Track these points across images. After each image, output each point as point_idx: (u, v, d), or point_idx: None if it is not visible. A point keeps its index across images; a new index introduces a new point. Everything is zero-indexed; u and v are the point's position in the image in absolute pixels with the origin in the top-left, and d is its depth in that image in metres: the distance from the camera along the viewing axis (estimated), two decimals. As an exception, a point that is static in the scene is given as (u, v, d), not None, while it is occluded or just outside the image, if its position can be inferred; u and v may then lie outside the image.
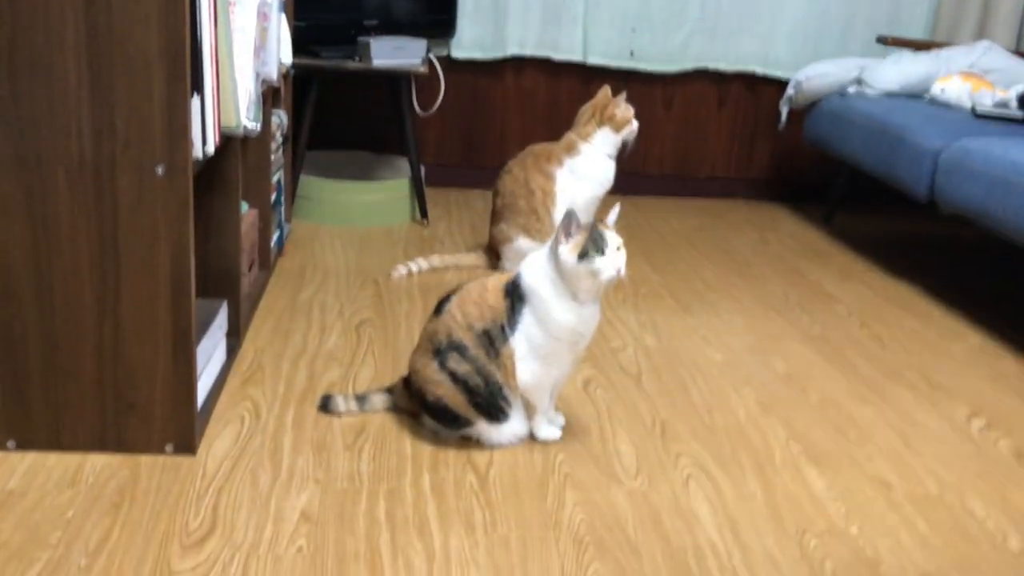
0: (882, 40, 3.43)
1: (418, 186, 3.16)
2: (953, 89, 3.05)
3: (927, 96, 3.18)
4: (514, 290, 1.71)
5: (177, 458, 1.66)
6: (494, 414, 1.73)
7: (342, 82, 3.49)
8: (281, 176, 2.72)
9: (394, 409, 1.88)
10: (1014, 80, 3.15)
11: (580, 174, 2.64)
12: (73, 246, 1.53)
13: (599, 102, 2.66)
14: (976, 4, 3.57)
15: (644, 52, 3.57)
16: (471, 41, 3.48)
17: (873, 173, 2.98)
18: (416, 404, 1.80)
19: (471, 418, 1.73)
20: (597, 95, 2.69)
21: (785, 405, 2.05)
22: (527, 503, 1.61)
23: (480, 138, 3.64)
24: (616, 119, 2.64)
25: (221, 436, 1.74)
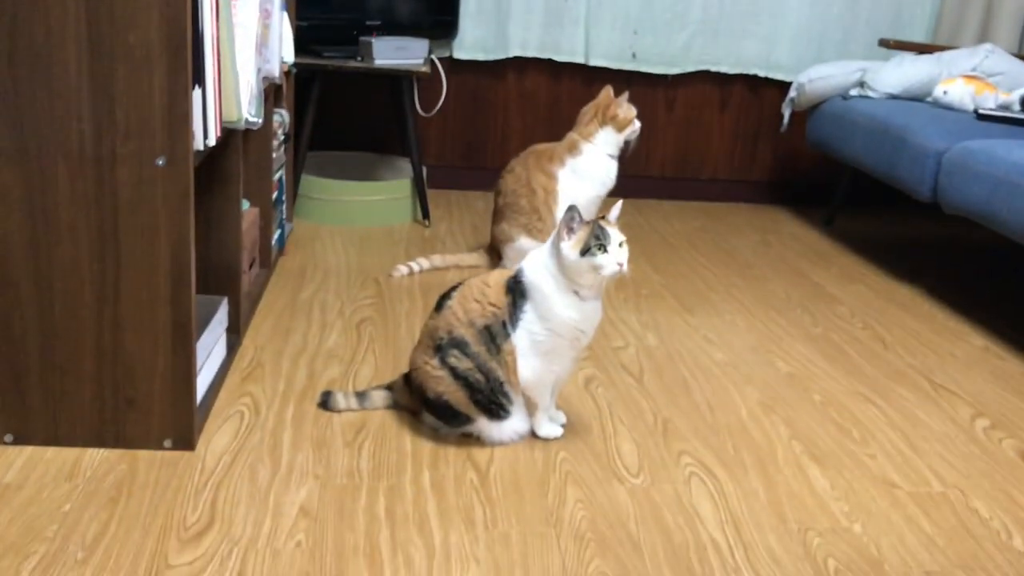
0: (884, 43, 3.43)
1: (419, 186, 3.15)
2: (956, 91, 3.05)
3: (929, 99, 3.17)
4: (516, 286, 1.70)
5: (175, 453, 1.64)
6: (495, 411, 1.72)
7: (344, 82, 3.49)
8: (283, 174, 2.72)
9: (394, 406, 1.86)
10: (1017, 83, 3.15)
11: (582, 174, 2.63)
12: (73, 238, 1.52)
13: (601, 102, 2.66)
14: (978, 7, 3.57)
15: (646, 54, 3.57)
16: (473, 42, 3.47)
17: (876, 175, 2.97)
18: (417, 401, 1.78)
19: (472, 415, 1.72)
20: (599, 95, 2.68)
21: (787, 404, 2.04)
22: (528, 500, 1.60)
23: (482, 139, 3.64)
24: (618, 119, 2.63)
25: (220, 432, 1.73)
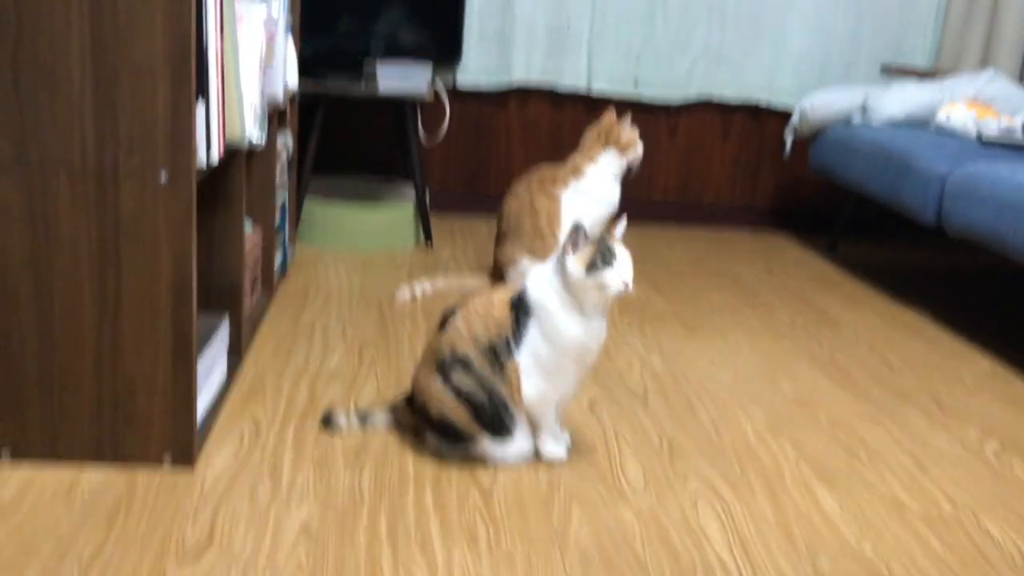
0: (886, 69, 3.44)
1: (423, 210, 3.15)
2: (958, 117, 3.05)
3: (932, 124, 3.18)
4: (520, 304, 1.68)
5: (175, 471, 1.62)
6: (498, 431, 1.70)
7: (348, 108, 3.50)
8: (285, 198, 2.71)
9: (397, 427, 1.84)
10: (1019, 108, 3.15)
11: (585, 196, 2.62)
12: (73, 252, 1.51)
13: (604, 124, 2.66)
14: (979, 34, 3.59)
15: (648, 81, 3.58)
16: (476, 69, 3.49)
17: (879, 200, 2.96)
18: (419, 420, 1.76)
19: (475, 435, 1.70)
20: (602, 118, 2.68)
21: (794, 426, 2.01)
22: (532, 520, 1.57)
23: (484, 166, 3.64)
24: (621, 141, 2.63)
25: (220, 451, 1.71)
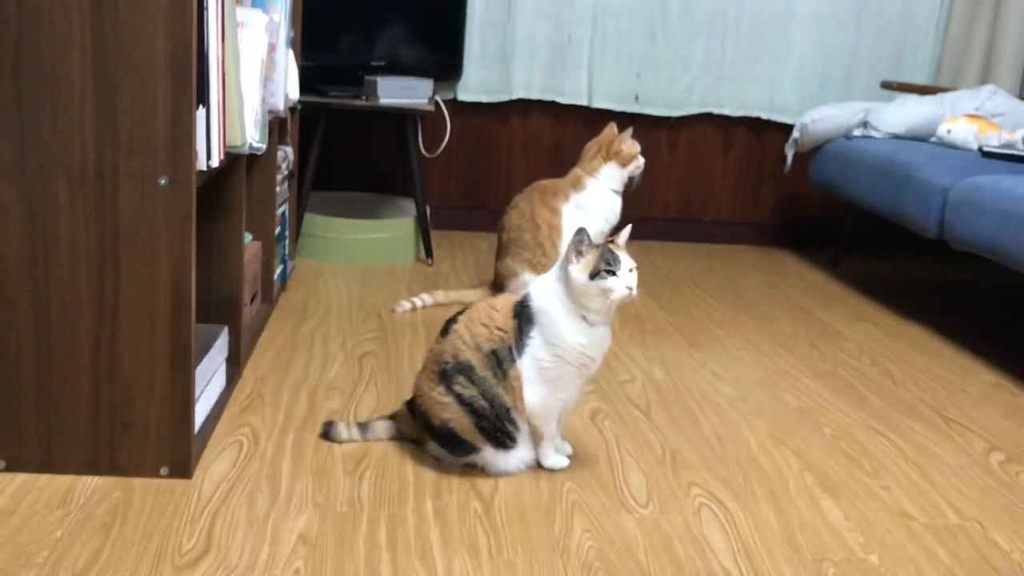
0: (887, 85, 3.44)
1: (423, 225, 3.14)
2: (960, 130, 3.05)
3: (933, 138, 3.18)
4: (523, 311, 1.67)
5: (172, 481, 1.60)
6: (501, 439, 1.68)
7: (349, 122, 3.50)
8: (285, 210, 2.71)
9: (398, 436, 1.82)
10: (1019, 123, 3.15)
11: (586, 209, 2.62)
12: (72, 256, 1.50)
13: (605, 138, 2.66)
14: (979, 51, 3.59)
15: (649, 96, 3.58)
16: (477, 84, 3.49)
17: (881, 213, 2.96)
18: (421, 428, 1.74)
19: (477, 443, 1.68)
20: (603, 131, 2.68)
21: (797, 437, 1.99)
22: (534, 529, 1.55)
23: (485, 181, 3.64)
24: (622, 154, 2.63)
25: (218, 461, 1.69)
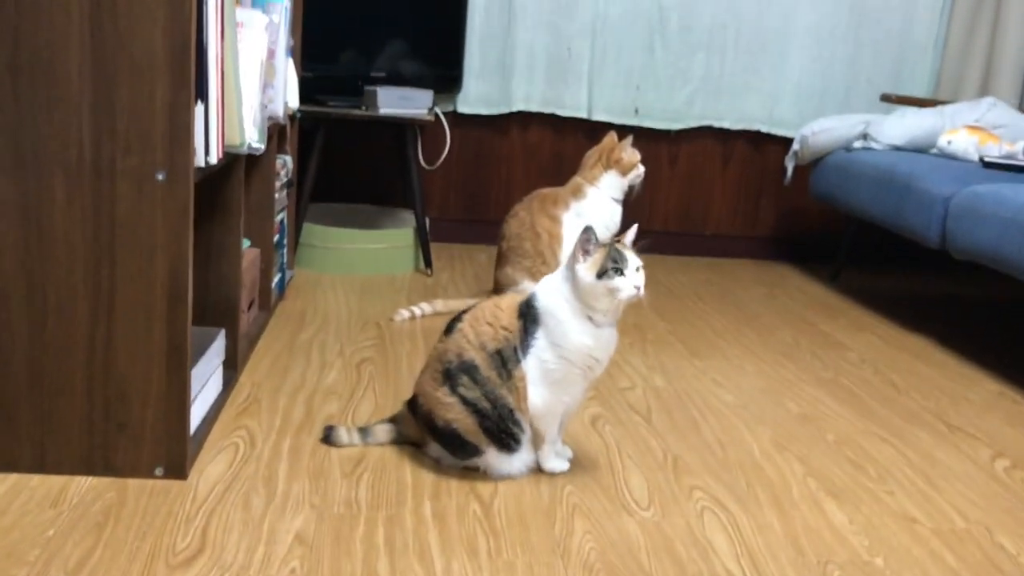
0: (886, 98, 3.45)
1: (422, 235, 3.13)
2: (960, 141, 3.05)
3: (934, 150, 3.17)
4: (528, 311, 1.65)
5: (167, 482, 1.58)
6: (505, 441, 1.65)
7: (348, 132, 3.49)
8: (284, 217, 2.70)
9: (399, 439, 1.80)
10: (1020, 135, 3.15)
11: (586, 217, 2.61)
12: (68, 252, 1.48)
13: (605, 146, 2.65)
14: (978, 63, 3.60)
15: (649, 109, 3.58)
16: (477, 97, 3.49)
17: (882, 224, 2.95)
18: (423, 429, 1.72)
19: (481, 445, 1.65)
20: (603, 140, 2.68)
21: (800, 443, 1.97)
22: (534, 531, 1.53)
23: (485, 194, 3.63)
24: (623, 163, 2.62)
25: (214, 463, 1.67)
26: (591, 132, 3.59)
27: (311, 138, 3.06)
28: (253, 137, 1.78)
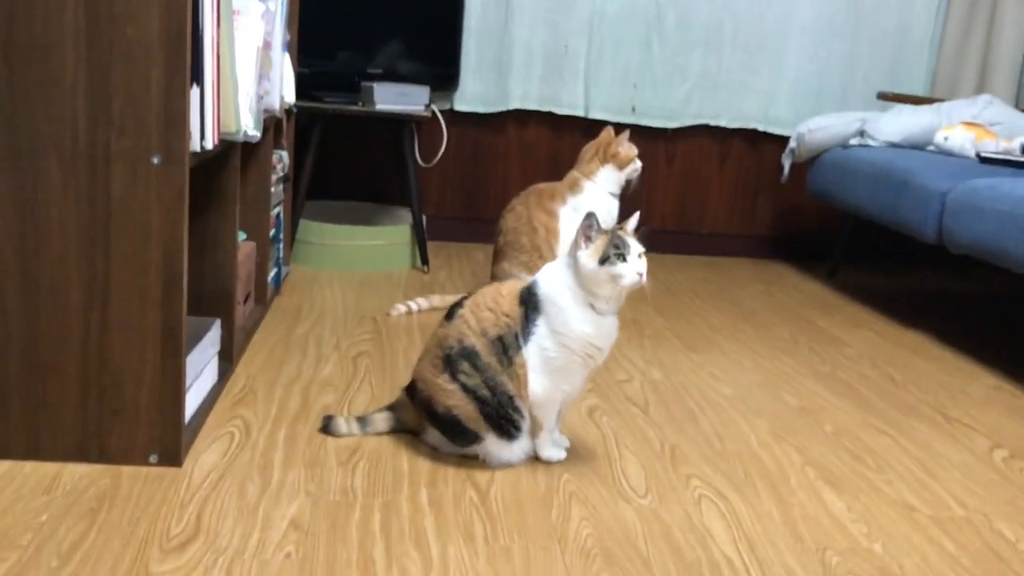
0: (883, 96, 3.45)
1: (419, 232, 3.13)
2: (957, 137, 3.05)
3: (930, 147, 3.17)
4: (529, 298, 1.64)
5: (161, 469, 1.57)
6: (505, 428, 1.64)
7: (344, 129, 3.49)
8: (280, 211, 2.69)
9: (397, 427, 1.79)
10: (1016, 132, 3.15)
11: (584, 211, 2.59)
12: (62, 236, 1.47)
13: (602, 140, 2.65)
14: (975, 62, 3.61)
15: (646, 108, 3.58)
16: (474, 95, 3.49)
17: (879, 220, 2.95)
18: (422, 415, 1.71)
19: (481, 432, 1.64)
20: (600, 134, 2.67)
21: (798, 434, 1.96)
22: (530, 517, 1.52)
23: (482, 191, 3.63)
24: (619, 157, 2.62)
25: (209, 451, 1.66)
26: (588, 130, 3.58)
27: (307, 134, 3.06)
28: (249, 124, 1.77)
